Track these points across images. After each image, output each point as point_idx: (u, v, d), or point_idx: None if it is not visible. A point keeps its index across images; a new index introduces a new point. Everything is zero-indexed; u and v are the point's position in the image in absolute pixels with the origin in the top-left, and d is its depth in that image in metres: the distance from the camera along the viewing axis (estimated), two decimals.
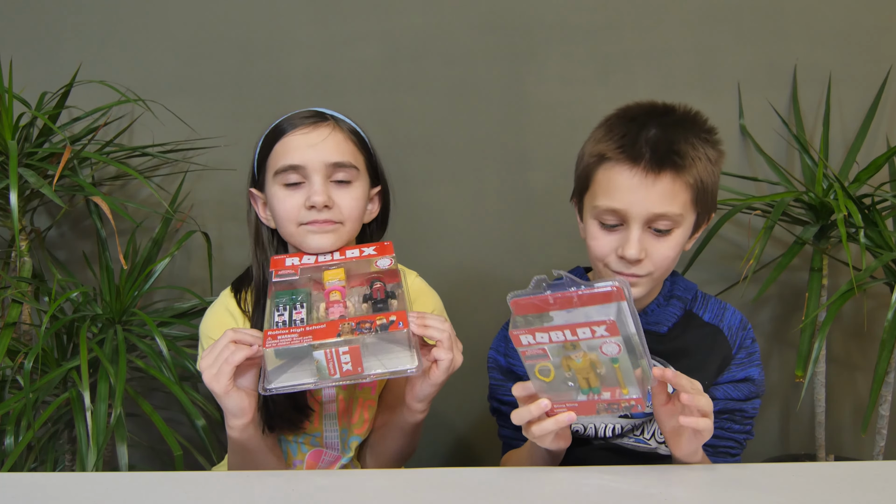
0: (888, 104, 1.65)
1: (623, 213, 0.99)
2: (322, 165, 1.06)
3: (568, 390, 0.86)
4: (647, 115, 1.03)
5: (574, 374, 0.84)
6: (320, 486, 0.90)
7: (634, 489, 0.87)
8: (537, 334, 0.82)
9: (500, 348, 1.17)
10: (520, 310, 0.83)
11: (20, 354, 1.41)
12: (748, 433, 1.10)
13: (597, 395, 0.85)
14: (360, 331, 0.87)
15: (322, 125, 1.08)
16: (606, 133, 1.03)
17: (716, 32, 1.64)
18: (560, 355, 0.83)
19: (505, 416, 1.15)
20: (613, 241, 1.01)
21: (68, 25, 1.69)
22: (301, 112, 1.11)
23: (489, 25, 1.65)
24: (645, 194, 0.97)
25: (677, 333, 1.09)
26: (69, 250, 1.75)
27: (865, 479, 0.88)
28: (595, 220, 1.03)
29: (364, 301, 0.96)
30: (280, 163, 1.06)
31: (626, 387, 0.84)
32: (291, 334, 0.88)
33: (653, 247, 1.00)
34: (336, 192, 1.07)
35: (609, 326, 0.79)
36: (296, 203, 1.06)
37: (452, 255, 1.71)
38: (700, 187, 1.00)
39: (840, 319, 1.71)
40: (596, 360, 0.82)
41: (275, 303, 0.96)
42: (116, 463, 1.30)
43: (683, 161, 0.98)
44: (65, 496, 0.87)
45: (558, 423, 0.87)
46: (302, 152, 1.06)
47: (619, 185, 0.99)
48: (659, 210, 0.98)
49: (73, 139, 1.56)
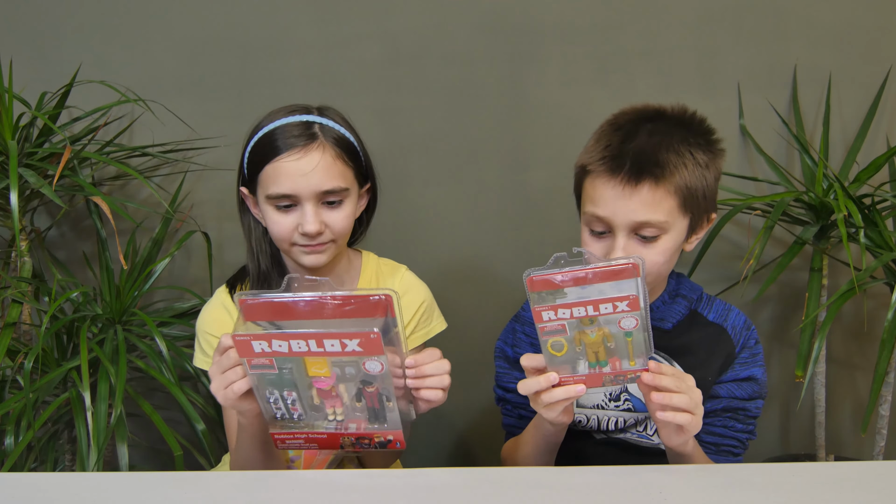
0: (888, 104, 1.65)
1: (607, 220, 1.02)
2: (313, 194, 1.08)
3: (578, 363, 0.89)
4: (636, 123, 1.04)
5: (585, 348, 0.87)
6: (320, 485, 0.90)
7: (634, 489, 0.87)
8: (560, 310, 0.85)
9: (507, 339, 1.20)
10: (534, 286, 0.86)
11: (20, 354, 1.41)
12: (751, 433, 1.10)
13: (602, 367, 0.88)
14: (360, 446, 0.92)
15: (312, 148, 1.08)
16: (595, 143, 1.06)
17: (716, 32, 1.63)
18: (575, 330, 0.86)
19: (510, 403, 1.17)
20: (602, 248, 1.04)
21: (68, 25, 1.69)
22: (291, 124, 1.10)
23: (489, 26, 1.65)
24: (625, 203, 1.00)
25: (682, 331, 1.10)
26: (69, 250, 1.75)
27: (865, 479, 0.88)
28: (586, 226, 1.06)
29: (357, 400, 0.89)
30: (272, 189, 1.08)
31: (634, 359, 0.88)
32: (297, 439, 0.93)
33: (640, 254, 1.01)
34: (327, 213, 1.09)
35: (631, 302, 0.83)
36: (288, 226, 1.09)
37: (452, 255, 1.71)
38: (687, 192, 1.01)
39: (840, 319, 1.71)
40: (609, 333, 0.86)
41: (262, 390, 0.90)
42: (116, 463, 1.30)
43: (663, 170, 0.99)
44: (65, 496, 0.87)
45: (568, 392, 0.89)
46: (293, 181, 1.07)
47: (603, 195, 1.01)
48: (641, 218, 1.00)
49: (73, 139, 1.56)
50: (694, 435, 0.93)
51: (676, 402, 0.88)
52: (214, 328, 1.16)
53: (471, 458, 1.78)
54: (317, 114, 1.12)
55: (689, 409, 0.89)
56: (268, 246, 1.16)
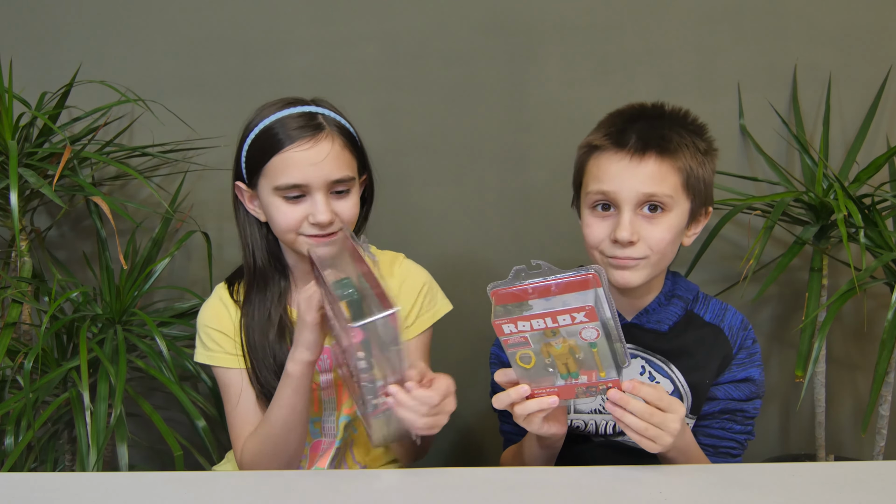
0: (888, 104, 1.65)
1: (613, 195, 1.02)
2: (324, 183, 1.07)
3: (548, 376, 0.89)
4: (638, 112, 1.07)
5: (554, 360, 0.87)
6: (320, 485, 0.90)
7: (634, 489, 0.87)
8: (519, 323, 0.85)
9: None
10: (499, 300, 0.86)
11: (20, 354, 1.41)
12: (749, 433, 1.10)
13: (575, 378, 0.88)
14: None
15: (321, 139, 1.07)
16: (598, 127, 1.08)
17: (716, 32, 1.63)
18: (540, 342, 0.86)
19: (506, 412, 1.16)
20: (606, 227, 1.04)
21: (68, 25, 1.69)
22: (293, 115, 1.09)
23: (489, 25, 1.65)
24: (632, 175, 1.01)
25: (678, 332, 1.10)
26: (69, 250, 1.75)
27: (865, 479, 0.88)
28: (588, 208, 1.06)
29: None
30: (281, 180, 1.07)
31: (603, 370, 0.87)
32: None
33: (645, 229, 1.02)
34: (336, 202, 1.09)
35: (588, 312, 0.82)
36: (297, 216, 1.08)
37: (452, 255, 1.71)
38: (690, 173, 1.02)
39: (840, 319, 1.71)
40: (575, 345, 0.85)
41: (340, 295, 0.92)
42: (116, 463, 1.30)
43: (668, 144, 1.01)
44: (65, 496, 0.87)
45: (540, 404, 0.90)
46: (304, 171, 1.06)
47: (608, 169, 1.02)
48: (647, 189, 1.00)
49: (73, 139, 1.56)
50: (672, 444, 0.92)
51: (630, 423, 0.88)
52: (212, 322, 1.17)
53: (471, 458, 1.78)
54: (313, 105, 1.12)
55: (641, 432, 0.89)
56: (264, 241, 1.16)
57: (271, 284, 1.15)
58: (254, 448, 1.11)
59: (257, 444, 1.10)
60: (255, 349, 1.13)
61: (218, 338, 1.15)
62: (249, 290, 1.16)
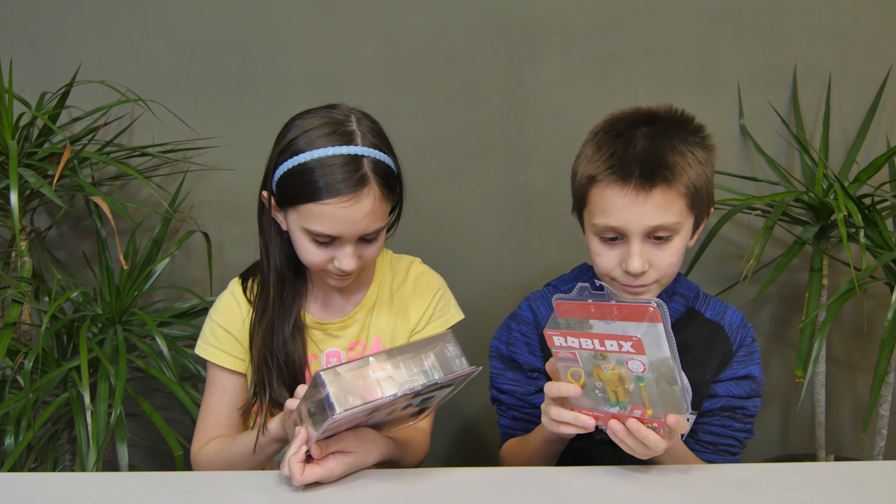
0: (888, 104, 1.65)
1: (621, 229, 1.01)
2: (356, 236, 1.05)
3: (596, 399, 0.88)
4: (633, 128, 1.03)
5: (604, 385, 0.86)
6: (320, 485, 0.90)
7: (635, 489, 0.87)
8: (569, 338, 0.85)
9: (502, 337, 1.19)
10: (563, 312, 0.86)
11: (20, 354, 1.41)
12: (749, 432, 1.10)
13: (625, 410, 0.87)
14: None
15: (362, 197, 1.01)
16: (595, 152, 1.04)
17: (716, 32, 1.63)
18: (591, 364, 0.86)
19: (504, 405, 1.17)
20: (616, 255, 1.03)
21: (68, 25, 1.69)
22: (337, 161, 1.01)
23: (489, 25, 1.65)
24: (639, 210, 0.99)
25: (679, 329, 1.10)
26: (69, 250, 1.75)
27: (865, 479, 0.88)
28: (596, 236, 1.05)
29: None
30: (314, 227, 1.03)
31: (650, 408, 0.85)
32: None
33: (655, 256, 1.02)
34: (363, 248, 1.07)
35: (635, 344, 0.81)
36: (323, 258, 1.06)
37: (452, 255, 1.71)
38: (693, 192, 1.01)
39: (840, 319, 1.71)
40: (624, 375, 0.84)
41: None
42: (116, 463, 1.30)
43: (673, 172, 0.99)
44: (65, 496, 0.87)
45: (577, 420, 0.90)
46: (339, 227, 1.02)
47: (614, 203, 1.01)
48: (655, 222, 1.00)
49: (73, 139, 1.56)
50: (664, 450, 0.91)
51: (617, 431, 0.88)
52: (223, 318, 1.17)
53: (471, 458, 1.78)
54: (360, 139, 1.04)
55: (630, 444, 0.88)
56: (284, 245, 1.13)
57: (288, 284, 1.14)
58: (210, 457, 1.11)
59: (213, 457, 1.11)
60: (266, 348, 1.11)
61: (221, 335, 1.15)
62: (264, 289, 1.14)
